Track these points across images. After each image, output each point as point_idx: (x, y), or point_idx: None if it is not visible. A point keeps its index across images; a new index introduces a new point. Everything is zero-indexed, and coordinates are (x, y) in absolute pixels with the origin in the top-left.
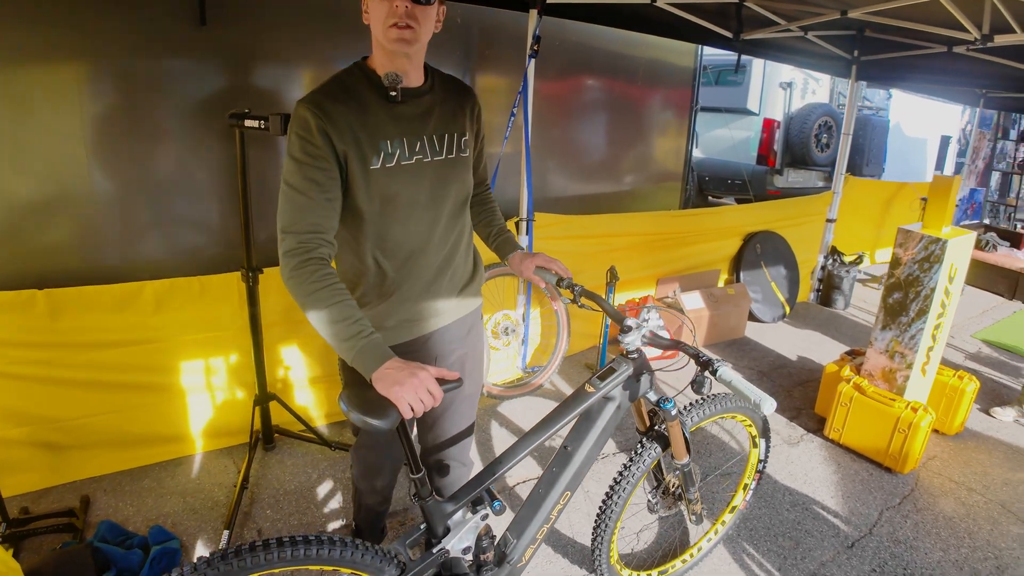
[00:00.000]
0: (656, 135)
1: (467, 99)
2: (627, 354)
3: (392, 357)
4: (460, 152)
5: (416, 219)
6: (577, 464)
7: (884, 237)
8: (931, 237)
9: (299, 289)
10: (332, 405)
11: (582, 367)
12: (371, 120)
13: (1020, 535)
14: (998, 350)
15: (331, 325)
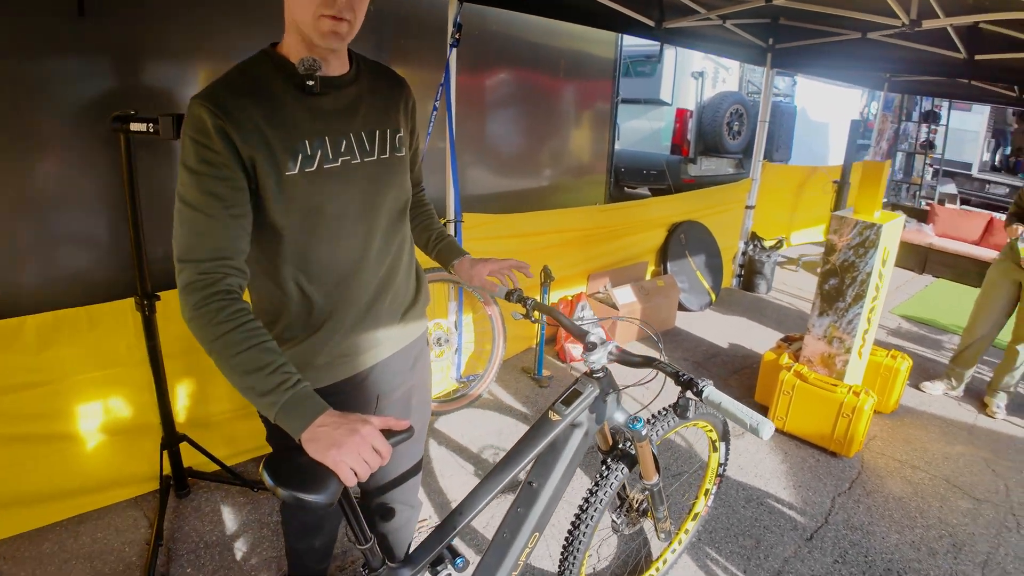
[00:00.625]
0: (579, 128)
1: (399, 90)
2: (592, 374)
3: (325, 410)
4: (395, 151)
5: (346, 234)
6: (544, 501)
7: (798, 220)
8: (865, 223)
9: (203, 332)
10: (251, 439)
11: (519, 372)
12: (284, 116)
13: (969, 509)
14: (917, 324)
15: (246, 376)
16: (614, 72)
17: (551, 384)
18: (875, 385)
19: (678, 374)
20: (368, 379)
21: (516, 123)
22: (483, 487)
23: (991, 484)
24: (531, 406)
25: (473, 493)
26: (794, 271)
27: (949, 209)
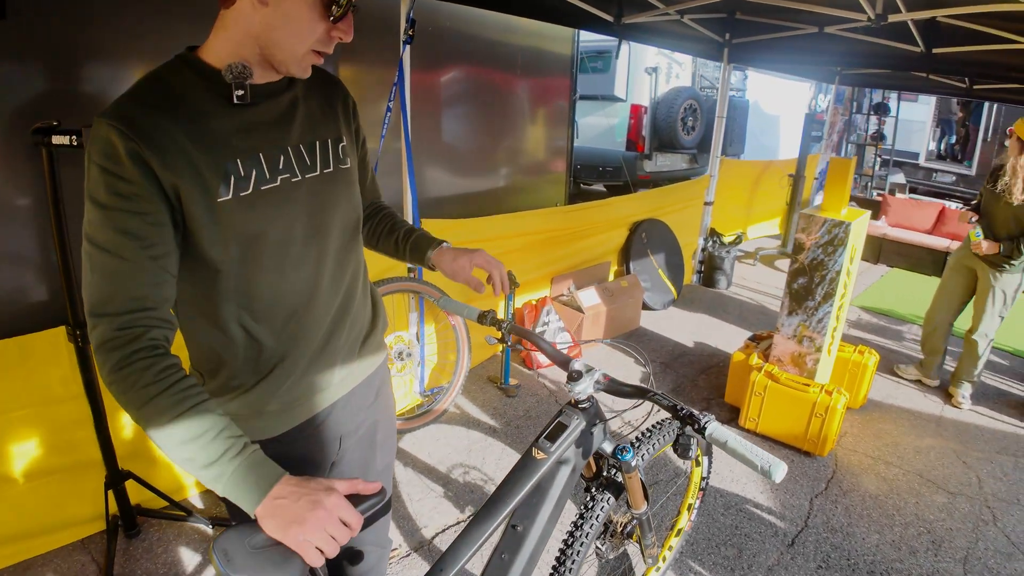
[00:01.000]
0: (538, 126)
1: (336, 92)
2: (577, 404)
3: (280, 478)
4: (340, 163)
5: (294, 263)
6: (531, 546)
7: (755, 214)
8: (834, 221)
9: (128, 398)
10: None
11: (485, 382)
12: (211, 133)
13: (944, 504)
14: (876, 315)
15: (182, 447)
16: (571, 69)
17: (519, 393)
18: (843, 381)
19: (676, 408)
20: (328, 420)
21: (473, 123)
22: (465, 539)
23: (963, 476)
24: (500, 418)
25: (454, 548)
26: (752, 265)
27: (901, 199)
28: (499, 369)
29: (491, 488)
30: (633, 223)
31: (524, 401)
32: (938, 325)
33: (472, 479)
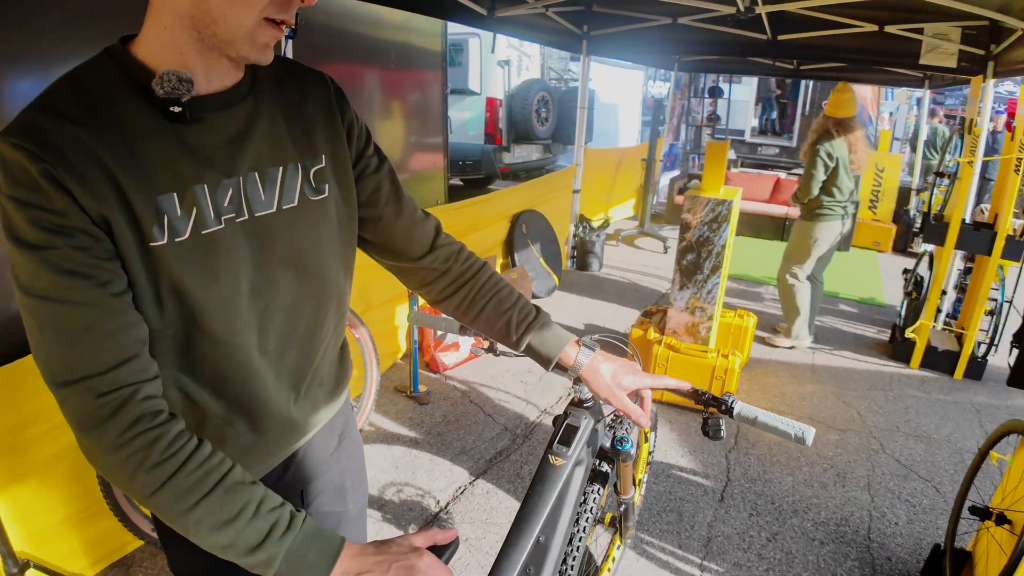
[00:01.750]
0: (415, 122)
1: (315, 90)
2: (582, 403)
3: (343, 545)
4: (313, 194)
5: (238, 321)
6: (555, 554)
7: (615, 198)
8: (717, 199)
9: (136, 483)
10: (110, 540)
11: (394, 393)
12: (143, 157)
13: (837, 440)
14: (734, 280)
15: (218, 534)
16: (443, 63)
17: (432, 399)
18: (728, 344)
19: (698, 393)
20: (287, 474)
21: None
22: (504, 566)
23: (846, 414)
24: (419, 428)
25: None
26: (615, 246)
27: (740, 173)
28: (405, 378)
29: (431, 502)
30: (513, 215)
31: (439, 407)
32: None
33: (408, 496)
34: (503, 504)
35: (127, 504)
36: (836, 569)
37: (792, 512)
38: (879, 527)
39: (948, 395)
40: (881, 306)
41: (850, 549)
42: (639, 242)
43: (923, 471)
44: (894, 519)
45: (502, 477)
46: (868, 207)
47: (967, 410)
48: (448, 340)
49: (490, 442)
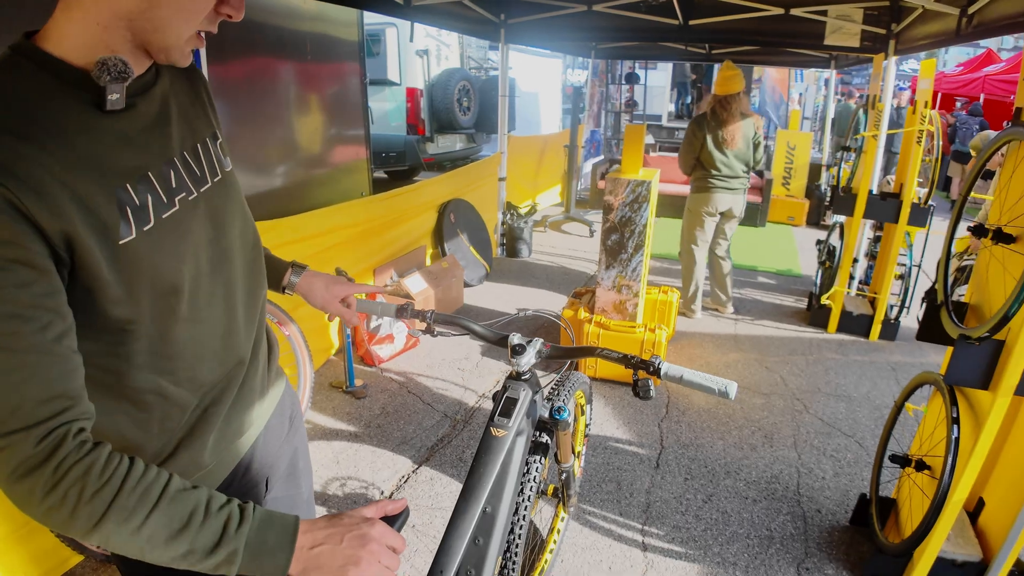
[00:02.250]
0: (334, 115)
1: (198, 78)
2: (520, 376)
3: (297, 525)
4: (224, 166)
5: (207, 301)
6: (503, 523)
7: (541, 185)
8: (637, 181)
9: (76, 520)
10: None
11: (330, 389)
12: (85, 155)
13: (763, 404)
14: (658, 259)
15: (173, 545)
16: (360, 53)
17: (369, 393)
18: (655, 318)
19: (627, 358)
20: (253, 461)
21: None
22: (453, 535)
23: (770, 379)
24: (358, 422)
25: (445, 548)
26: (543, 232)
27: (659, 157)
28: (341, 373)
29: (375, 493)
30: (440, 205)
31: (376, 400)
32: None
33: (353, 489)
34: (447, 489)
35: None
36: (770, 524)
37: (725, 474)
38: (807, 482)
39: (865, 356)
40: (798, 276)
41: (782, 504)
42: (566, 227)
43: (845, 427)
44: (821, 474)
45: (445, 463)
46: (781, 184)
47: (883, 368)
48: (382, 332)
49: (430, 430)
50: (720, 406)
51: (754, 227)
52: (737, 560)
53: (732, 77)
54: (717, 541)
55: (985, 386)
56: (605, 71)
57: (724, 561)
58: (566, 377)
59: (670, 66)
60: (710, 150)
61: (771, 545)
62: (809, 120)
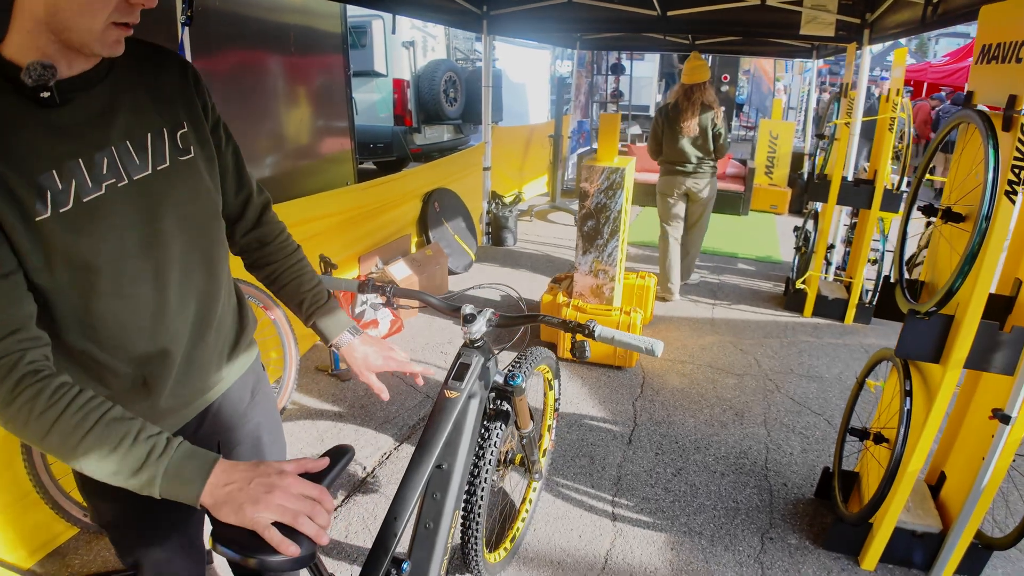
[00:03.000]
0: (319, 106)
1: (172, 69)
2: (473, 343)
3: (217, 461)
4: (180, 154)
5: (131, 280)
6: (458, 480)
7: (527, 175)
8: (611, 168)
9: (29, 431)
10: (46, 530)
11: (315, 372)
12: (18, 143)
13: (735, 384)
14: (639, 247)
15: (104, 462)
16: (343, 45)
17: (353, 376)
18: (632, 303)
19: (566, 323)
20: (201, 428)
21: (254, 107)
22: (407, 485)
23: (744, 361)
24: (342, 403)
25: (400, 496)
26: (529, 221)
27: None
28: (326, 357)
29: (357, 469)
30: (425, 194)
31: (360, 383)
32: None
33: None
34: None
35: (58, 492)
36: (736, 496)
37: (695, 449)
38: (775, 458)
39: (839, 339)
40: (777, 263)
41: (749, 478)
42: (552, 216)
43: (816, 407)
44: (789, 450)
45: None
46: (764, 172)
47: (856, 351)
48: (367, 318)
49: (412, 410)
50: (693, 386)
51: (736, 216)
52: (703, 529)
53: (697, 67)
54: (684, 512)
55: (936, 359)
56: (591, 62)
57: (691, 530)
58: (529, 352)
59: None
60: (669, 138)
61: (737, 516)
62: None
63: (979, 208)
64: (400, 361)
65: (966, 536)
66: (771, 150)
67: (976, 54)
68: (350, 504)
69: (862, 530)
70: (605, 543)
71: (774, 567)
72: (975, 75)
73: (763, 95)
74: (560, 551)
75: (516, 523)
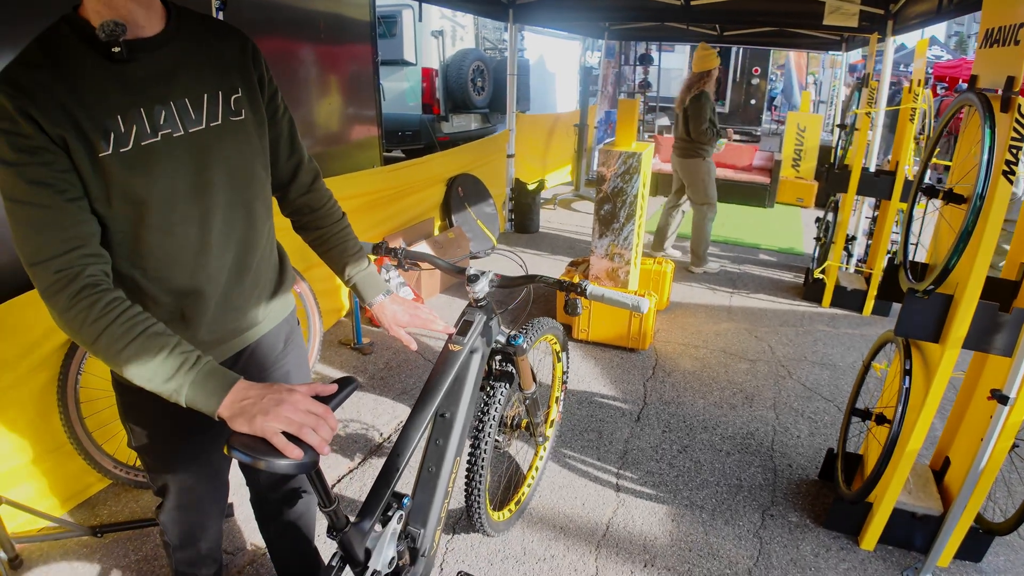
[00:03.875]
0: (348, 93)
1: (233, 43)
2: (476, 303)
3: (237, 380)
4: (231, 115)
5: (179, 220)
6: (460, 428)
7: (550, 164)
8: (628, 152)
9: (81, 335)
10: (76, 481)
11: (338, 345)
12: (90, 90)
13: (748, 368)
14: None
15: (142, 368)
16: (372, 33)
17: (375, 350)
18: (649, 288)
19: (560, 282)
20: (236, 366)
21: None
22: (410, 427)
23: (758, 347)
24: (362, 374)
25: (403, 436)
26: (552, 209)
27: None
28: (349, 332)
29: (375, 434)
30: (449, 179)
31: (381, 356)
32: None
33: (354, 430)
34: None
35: (91, 444)
36: (740, 474)
37: (702, 429)
38: (782, 440)
39: (856, 329)
40: (799, 255)
41: (754, 458)
42: (575, 205)
43: (826, 393)
44: (796, 433)
45: None
46: (791, 165)
47: (872, 341)
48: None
49: None
50: (705, 370)
51: (762, 208)
52: (705, 504)
53: (702, 57)
54: (688, 487)
55: (935, 339)
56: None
57: (692, 504)
58: (536, 320)
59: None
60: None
61: (739, 493)
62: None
63: (975, 187)
64: (425, 318)
65: (965, 519)
66: (798, 143)
67: (980, 38)
68: (366, 466)
69: (862, 510)
70: (608, 511)
71: (773, 542)
72: (979, 59)
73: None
74: (563, 517)
75: (522, 488)
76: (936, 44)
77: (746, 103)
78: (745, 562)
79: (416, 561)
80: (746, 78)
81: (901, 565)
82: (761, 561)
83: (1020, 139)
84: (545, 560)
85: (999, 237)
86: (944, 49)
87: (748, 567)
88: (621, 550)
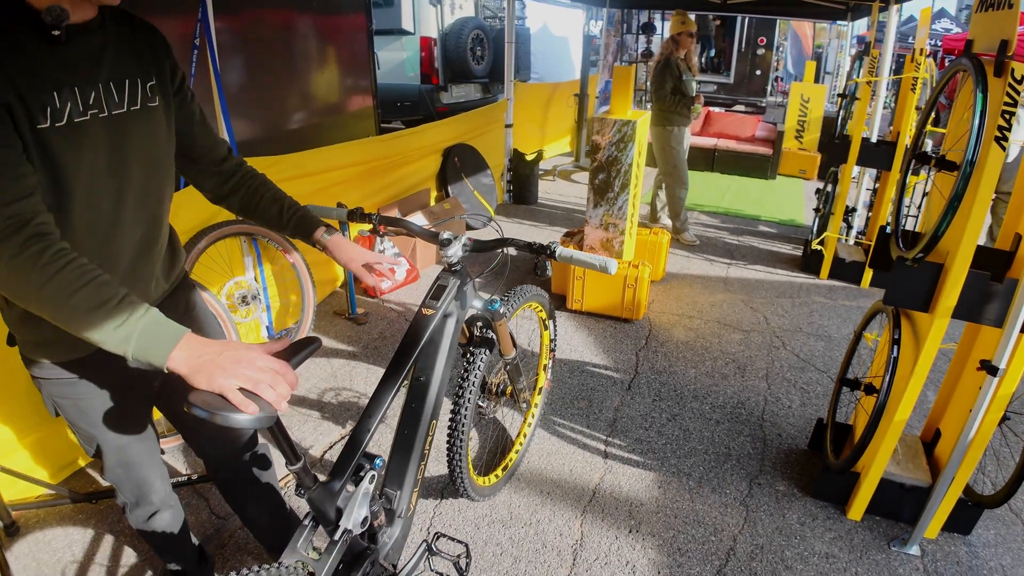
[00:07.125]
0: (342, 63)
1: (147, 35)
2: (451, 268)
3: (185, 333)
4: (147, 101)
5: (99, 192)
6: (435, 391)
7: (550, 134)
8: (622, 121)
9: (29, 280)
10: (63, 454)
11: (333, 316)
12: (31, 66)
13: (741, 339)
14: None
15: (90, 315)
16: (366, 2)
17: (369, 320)
18: (644, 257)
19: (531, 245)
20: None
21: (277, 63)
22: (382, 390)
23: (753, 318)
24: (356, 344)
25: (375, 398)
26: (552, 181)
27: None
28: (343, 303)
29: (366, 402)
30: (445, 149)
31: (375, 326)
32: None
33: (345, 398)
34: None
35: None
36: (729, 443)
37: (692, 398)
38: (773, 410)
39: (853, 301)
40: (800, 227)
41: (744, 427)
42: (575, 177)
43: (820, 364)
44: (788, 403)
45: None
46: (795, 137)
47: None
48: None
49: None
50: (699, 340)
51: (764, 179)
52: (692, 471)
53: (673, 22)
54: (676, 454)
55: (925, 308)
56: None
57: (680, 471)
58: (519, 288)
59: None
60: None
61: (727, 461)
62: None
63: (965, 153)
64: (387, 257)
65: (953, 490)
66: (802, 114)
67: (976, 2)
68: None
69: (850, 480)
70: (595, 477)
71: (759, 510)
72: (975, 23)
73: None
74: (551, 482)
75: (510, 454)
76: (946, 16)
77: (751, 74)
78: (730, 529)
79: (393, 522)
80: (751, 48)
81: (888, 536)
82: (747, 529)
83: (1013, 104)
84: (531, 524)
85: (1003, 208)
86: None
87: (733, 534)
88: (607, 515)
